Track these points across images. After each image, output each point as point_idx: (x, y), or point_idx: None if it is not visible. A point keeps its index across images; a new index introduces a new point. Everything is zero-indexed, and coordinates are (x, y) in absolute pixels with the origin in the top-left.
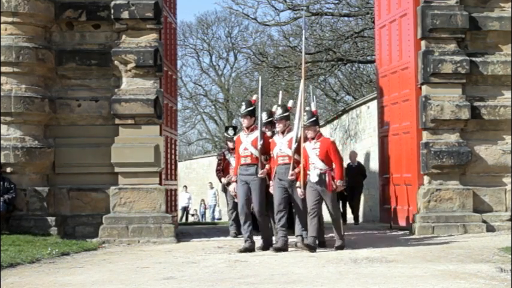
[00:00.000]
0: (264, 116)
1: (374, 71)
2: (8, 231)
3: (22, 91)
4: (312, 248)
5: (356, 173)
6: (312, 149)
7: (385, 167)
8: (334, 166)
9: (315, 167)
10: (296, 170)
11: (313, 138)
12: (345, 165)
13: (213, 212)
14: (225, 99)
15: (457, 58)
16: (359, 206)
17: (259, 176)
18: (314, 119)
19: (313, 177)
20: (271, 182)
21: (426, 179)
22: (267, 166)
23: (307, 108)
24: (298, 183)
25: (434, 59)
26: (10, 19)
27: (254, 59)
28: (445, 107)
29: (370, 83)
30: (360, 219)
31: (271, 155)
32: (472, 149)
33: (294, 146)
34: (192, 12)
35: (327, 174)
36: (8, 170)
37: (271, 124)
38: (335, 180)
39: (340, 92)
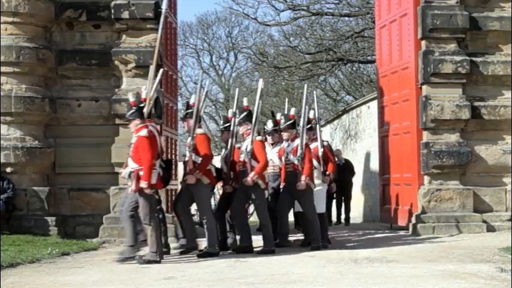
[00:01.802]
0: (269, 125)
1: (374, 71)
2: (8, 231)
3: (22, 91)
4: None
5: (343, 170)
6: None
7: (385, 167)
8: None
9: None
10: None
11: (286, 141)
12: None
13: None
14: (225, 99)
15: (458, 58)
16: (350, 204)
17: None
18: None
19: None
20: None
21: (426, 179)
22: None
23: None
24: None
25: (435, 59)
26: (10, 19)
27: (254, 59)
28: (445, 107)
29: (370, 83)
30: (360, 219)
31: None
32: (472, 149)
33: (299, 151)
34: (193, 12)
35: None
36: (8, 170)
37: (276, 132)
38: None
39: (340, 92)
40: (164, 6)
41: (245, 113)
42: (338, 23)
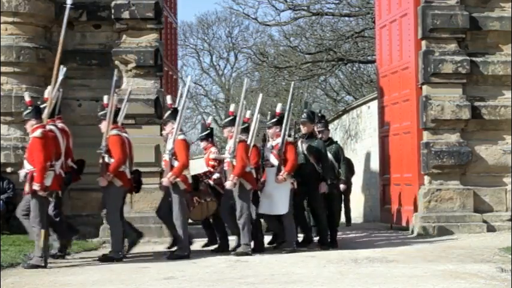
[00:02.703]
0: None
1: (374, 71)
2: (8, 231)
3: (23, 91)
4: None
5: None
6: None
7: (385, 167)
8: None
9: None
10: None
11: (271, 138)
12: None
13: None
14: (225, 99)
15: (458, 58)
16: (349, 205)
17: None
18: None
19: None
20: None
21: (427, 179)
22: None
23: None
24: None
25: (435, 59)
26: (10, 19)
27: (255, 59)
28: (445, 107)
29: (370, 83)
30: (361, 220)
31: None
32: (472, 149)
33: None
34: (193, 12)
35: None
36: (9, 170)
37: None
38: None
39: (340, 92)
40: (69, 1)
41: (230, 118)
42: (338, 23)
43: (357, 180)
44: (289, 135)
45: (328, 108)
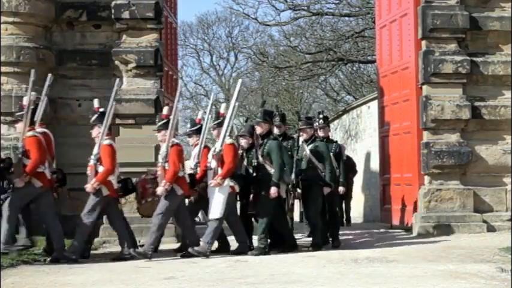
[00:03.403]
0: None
1: (374, 71)
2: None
3: (23, 91)
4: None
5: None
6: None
7: (385, 167)
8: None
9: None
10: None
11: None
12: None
13: None
14: (225, 99)
15: (458, 58)
16: (350, 205)
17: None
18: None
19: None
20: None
21: (427, 179)
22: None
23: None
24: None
25: (435, 59)
26: (11, 19)
27: (255, 59)
28: (445, 107)
29: (370, 83)
30: (361, 219)
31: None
32: (472, 149)
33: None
34: (193, 12)
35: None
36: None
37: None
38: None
39: (340, 92)
40: None
41: (163, 121)
42: (338, 23)
43: (357, 180)
44: (231, 136)
45: (328, 108)
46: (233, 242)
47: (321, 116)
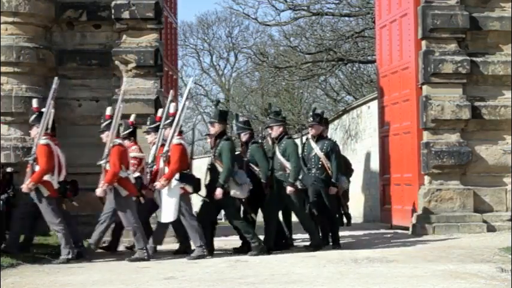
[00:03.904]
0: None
1: (374, 71)
2: (8, 230)
3: (23, 91)
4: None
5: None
6: None
7: (385, 167)
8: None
9: None
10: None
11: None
12: None
13: None
14: (225, 99)
15: (458, 58)
16: (347, 204)
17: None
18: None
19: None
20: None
21: (427, 179)
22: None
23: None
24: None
25: (435, 59)
26: (11, 19)
27: (255, 59)
28: (445, 107)
29: (370, 83)
30: (361, 219)
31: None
32: (472, 149)
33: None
34: (193, 12)
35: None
36: (9, 170)
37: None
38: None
39: (340, 92)
40: None
41: (107, 122)
42: (338, 23)
43: (357, 180)
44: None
45: (328, 108)
46: (233, 242)
47: (310, 113)
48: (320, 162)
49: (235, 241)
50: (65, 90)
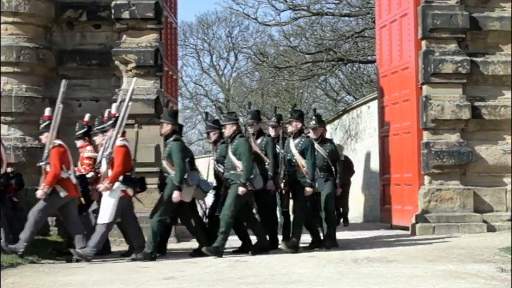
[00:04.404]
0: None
1: (374, 71)
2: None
3: (23, 91)
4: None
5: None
6: None
7: (385, 167)
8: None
9: None
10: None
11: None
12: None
13: None
14: (225, 99)
15: (458, 58)
16: (348, 205)
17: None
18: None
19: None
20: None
21: (427, 179)
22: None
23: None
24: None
25: (435, 59)
26: (11, 19)
27: (255, 59)
28: (445, 107)
29: (370, 83)
30: (361, 220)
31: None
32: (472, 149)
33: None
34: (193, 12)
35: None
36: (9, 170)
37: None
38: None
39: (340, 92)
40: None
41: (46, 123)
42: (338, 23)
43: (357, 180)
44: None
45: (328, 108)
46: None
47: (305, 114)
48: (294, 160)
49: (234, 241)
50: (64, 90)
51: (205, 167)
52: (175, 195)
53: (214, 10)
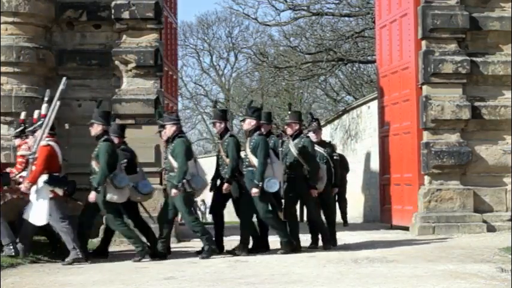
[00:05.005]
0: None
1: (374, 71)
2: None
3: (23, 91)
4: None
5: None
6: None
7: (385, 167)
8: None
9: None
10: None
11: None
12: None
13: None
14: (225, 99)
15: (458, 58)
16: (346, 204)
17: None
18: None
19: None
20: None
21: (427, 179)
22: None
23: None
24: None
25: (435, 59)
26: (11, 19)
27: (254, 59)
28: (445, 107)
29: (370, 83)
30: (360, 220)
31: None
32: (472, 149)
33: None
34: (193, 13)
35: None
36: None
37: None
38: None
39: (340, 92)
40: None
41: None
42: (338, 23)
43: (357, 180)
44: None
45: (328, 108)
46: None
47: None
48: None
49: (234, 241)
50: (64, 90)
51: (208, 165)
52: (91, 196)
53: (214, 10)
